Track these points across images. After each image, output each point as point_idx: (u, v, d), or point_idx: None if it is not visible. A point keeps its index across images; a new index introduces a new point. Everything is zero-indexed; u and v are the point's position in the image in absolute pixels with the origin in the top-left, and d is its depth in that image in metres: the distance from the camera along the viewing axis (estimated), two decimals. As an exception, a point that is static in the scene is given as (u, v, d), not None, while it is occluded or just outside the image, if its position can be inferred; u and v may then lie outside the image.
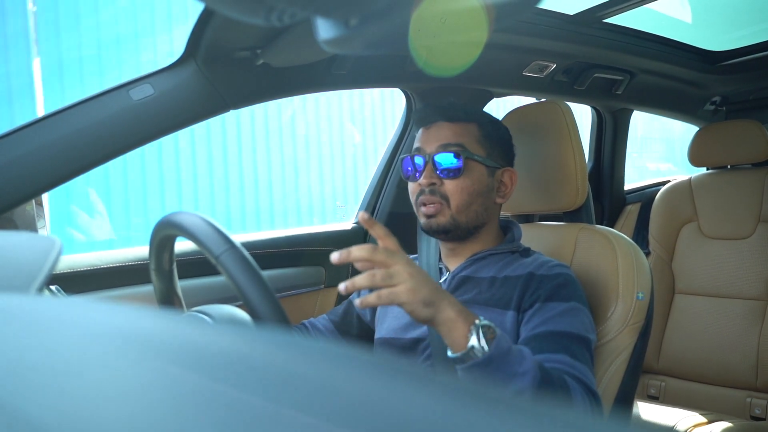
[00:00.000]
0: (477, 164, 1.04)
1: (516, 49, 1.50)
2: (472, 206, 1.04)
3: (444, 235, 1.05)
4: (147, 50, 4.62)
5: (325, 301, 1.56)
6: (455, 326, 0.78)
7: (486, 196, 1.06)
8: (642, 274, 1.08)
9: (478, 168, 1.04)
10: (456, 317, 0.78)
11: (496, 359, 0.77)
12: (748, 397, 1.74)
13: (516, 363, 0.79)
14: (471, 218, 1.04)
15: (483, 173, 1.05)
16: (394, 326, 1.09)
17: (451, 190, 1.03)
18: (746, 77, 2.02)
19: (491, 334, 0.78)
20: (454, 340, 0.78)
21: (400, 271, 0.76)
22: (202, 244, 0.68)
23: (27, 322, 0.31)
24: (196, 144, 4.90)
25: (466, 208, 1.03)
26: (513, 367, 0.79)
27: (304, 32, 1.04)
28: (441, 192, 1.03)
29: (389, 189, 1.64)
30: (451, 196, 1.03)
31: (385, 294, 0.76)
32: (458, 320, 0.78)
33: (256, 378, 0.24)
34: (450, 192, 1.03)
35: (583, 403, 0.83)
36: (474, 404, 0.22)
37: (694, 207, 1.98)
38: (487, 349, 0.76)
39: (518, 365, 0.79)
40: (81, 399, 0.22)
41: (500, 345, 0.78)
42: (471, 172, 1.03)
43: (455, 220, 1.03)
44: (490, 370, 0.77)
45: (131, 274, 1.26)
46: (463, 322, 0.78)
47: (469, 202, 1.03)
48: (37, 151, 1.04)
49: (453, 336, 0.78)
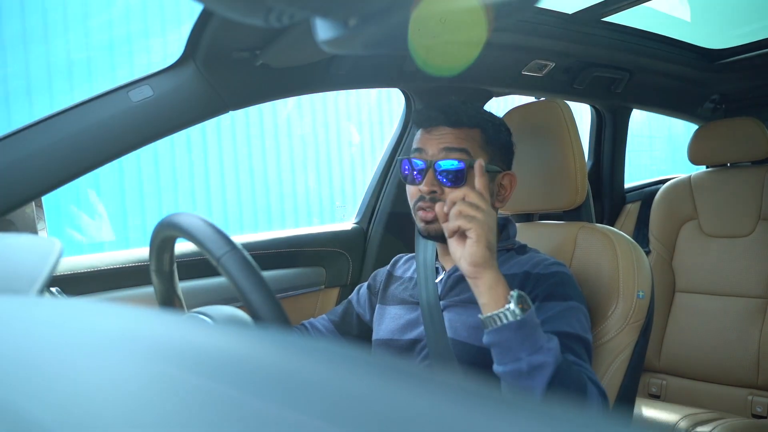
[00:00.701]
0: None
1: (515, 48, 1.50)
2: None
3: (441, 239, 1.04)
4: (141, 54, 4.62)
5: (325, 302, 1.56)
6: (498, 285, 0.84)
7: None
8: (642, 273, 1.08)
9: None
10: (500, 278, 0.85)
11: (528, 326, 0.81)
12: (750, 395, 1.74)
13: (543, 338, 0.82)
14: None
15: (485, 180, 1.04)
16: (392, 327, 1.09)
17: (452, 199, 1.02)
18: (745, 75, 2.02)
19: (527, 306, 0.82)
20: (492, 298, 0.83)
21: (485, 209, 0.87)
22: (204, 246, 0.68)
23: (28, 324, 0.31)
24: (193, 145, 4.90)
25: None
26: (540, 340, 0.81)
27: (303, 33, 1.04)
28: (441, 200, 0.99)
29: (389, 189, 1.64)
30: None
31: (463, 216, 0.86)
32: (501, 281, 0.84)
33: (257, 378, 0.24)
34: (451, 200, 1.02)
35: (598, 404, 0.84)
36: (474, 404, 0.22)
37: (694, 205, 1.98)
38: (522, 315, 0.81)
39: (545, 341, 0.82)
40: (82, 400, 0.22)
41: (533, 316, 0.82)
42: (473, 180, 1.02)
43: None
44: (520, 335, 0.81)
45: (132, 276, 1.26)
46: (504, 285, 0.84)
47: None
48: (37, 154, 1.04)
49: (492, 294, 0.83)
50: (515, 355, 0.81)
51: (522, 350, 0.80)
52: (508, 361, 0.81)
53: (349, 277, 1.59)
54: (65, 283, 1.14)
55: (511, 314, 0.81)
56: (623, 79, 1.82)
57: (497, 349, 0.83)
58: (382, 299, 1.16)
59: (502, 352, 0.82)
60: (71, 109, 1.08)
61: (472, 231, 0.84)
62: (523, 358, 0.80)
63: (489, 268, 0.84)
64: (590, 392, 0.84)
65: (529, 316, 0.81)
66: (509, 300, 0.82)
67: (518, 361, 0.80)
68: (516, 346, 0.81)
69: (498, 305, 0.82)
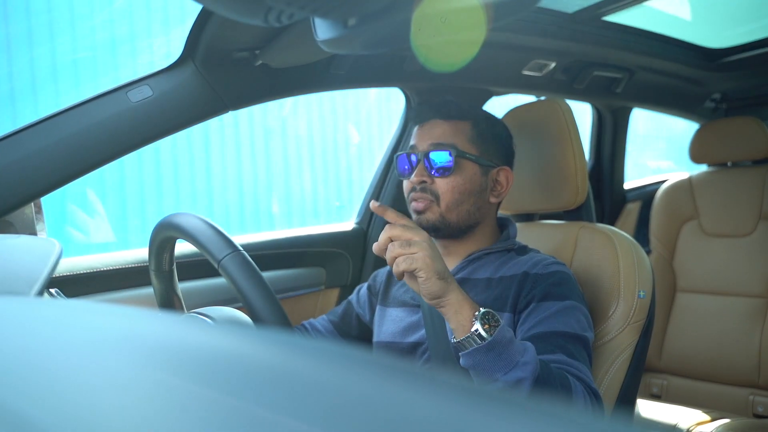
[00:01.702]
0: (469, 163, 1.04)
1: (515, 47, 1.50)
2: (463, 205, 1.03)
3: (434, 232, 1.04)
4: (142, 53, 4.62)
5: (325, 302, 1.56)
6: (462, 308, 0.81)
7: (479, 195, 1.05)
8: (643, 273, 1.07)
9: (470, 167, 1.04)
10: (464, 299, 0.81)
11: (498, 346, 0.79)
12: (751, 395, 1.74)
13: (518, 353, 0.80)
14: (462, 217, 1.04)
15: (476, 172, 1.04)
16: (393, 330, 1.09)
17: (441, 188, 1.03)
18: (746, 74, 2.02)
19: (495, 323, 0.80)
20: (460, 323, 0.80)
21: (419, 241, 0.80)
22: (204, 247, 0.67)
23: (27, 325, 0.31)
24: (193, 144, 4.89)
25: (456, 207, 1.03)
26: (515, 356, 0.80)
27: (302, 33, 1.03)
28: (431, 189, 1.03)
29: (389, 188, 1.64)
30: (442, 195, 1.03)
31: (402, 259, 0.79)
32: (465, 303, 0.81)
33: (256, 379, 0.24)
34: (440, 190, 1.03)
35: (584, 401, 0.83)
36: (474, 404, 0.22)
37: (695, 205, 1.98)
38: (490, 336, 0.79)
39: (520, 355, 0.80)
40: (81, 400, 0.22)
41: (503, 333, 0.80)
42: (462, 171, 1.03)
43: (444, 218, 1.03)
44: (491, 356, 0.79)
45: (131, 277, 1.26)
46: (469, 306, 0.81)
47: (459, 201, 1.03)
48: (35, 154, 1.04)
49: (459, 318, 0.80)
50: (491, 375, 0.80)
51: (497, 370, 0.79)
52: (486, 383, 0.80)
53: (349, 278, 1.59)
54: (64, 284, 1.14)
55: (479, 337, 0.79)
56: (623, 79, 1.82)
57: (474, 372, 0.82)
58: (382, 300, 1.16)
59: (478, 374, 0.81)
60: (70, 110, 1.08)
61: (418, 271, 0.80)
62: (499, 378, 0.79)
63: (449, 293, 0.81)
64: (575, 390, 0.83)
65: (497, 335, 0.79)
66: (473, 323, 0.80)
67: (495, 381, 0.80)
68: (490, 367, 0.80)
69: (465, 330, 0.80)
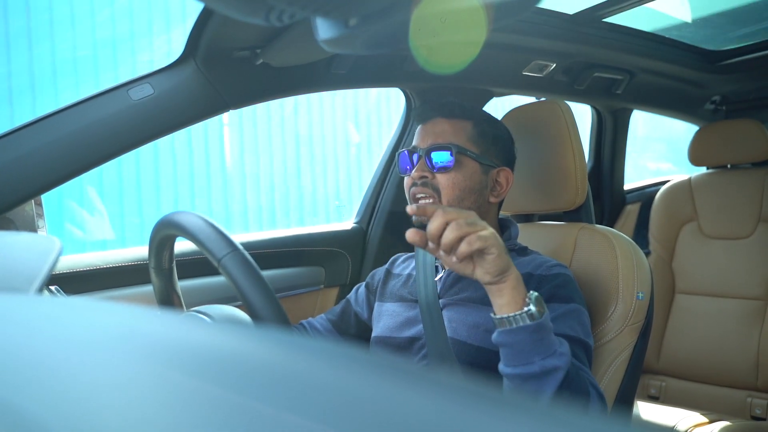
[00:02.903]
0: (470, 161, 1.04)
1: (516, 48, 1.50)
2: (464, 202, 1.04)
3: None
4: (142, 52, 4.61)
5: (325, 301, 1.56)
6: (520, 285, 0.81)
7: (479, 193, 1.05)
8: (642, 274, 1.08)
9: (471, 165, 1.04)
10: (520, 277, 0.81)
11: (544, 330, 0.79)
12: (749, 397, 1.74)
13: (556, 342, 0.81)
14: None
15: (476, 171, 1.05)
16: (390, 325, 1.09)
17: (442, 184, 1.03)
18: (746, 76, 2.02)
19: (543, 309, 0.80)
20: (514, 298, 0.80)
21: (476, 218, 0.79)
22: (205, 246, 0.67)
23: (27, 322, 0.31)
24: (193, 143, 4.89)
25: (457, 203, 1.03)
26: (554, 344, 0.80)
27: (303, 32, 1.04)
28: (433, 184, 1.03)
29: (389, 188, 1.64)
30: (443, 190, 1.03)
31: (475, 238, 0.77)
32: (521, 281, 0.81)
33: (255, 377, 0.24)
34: (441, 185, 1.03)
35: (598, 408, 0.84)
36: (473, 404, 0.22)
37: (694, 207, 1.98)
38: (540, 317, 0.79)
39: (559, 345, 0.81)
40: (80, 398, 0.22)
41: (548, 319, 0.81)
42: (463, 168, 1.03)
43: None
44: (535, 338, 0.79)
45: (131, 275, 1.26)
46: (523, 285, 0.81)
47: (460, 198, 1.03)
48: (37, 151, 1.04)
49: (514, 294, 0.80)
50: (528, 358, 0.79)
51: (536, 353, 0.79)
52: (520, 364, 0.80)
53: (348, 277, 1.59)
54: (64, 281, 1.14)
55: (530, 317, 0.78)
56: (624, 80, 1.82)
57: (509, 350, 0.80)
58: (380, 297, 1.16)
59: (513, 354, 0.80)
60: (71, 107, 1.08)
61: (490, 247, 0.78)
62: (536, 361, 0.79)
63: (512, 267, 0.81)
64: (592, 396, 0.84)
65: (545, 318, 0.79)
66: (528, 302, 0.79)
67: (531, 364, 0.79)
68: (530, 349, 0.79)
69: (517, 306, 0.79)
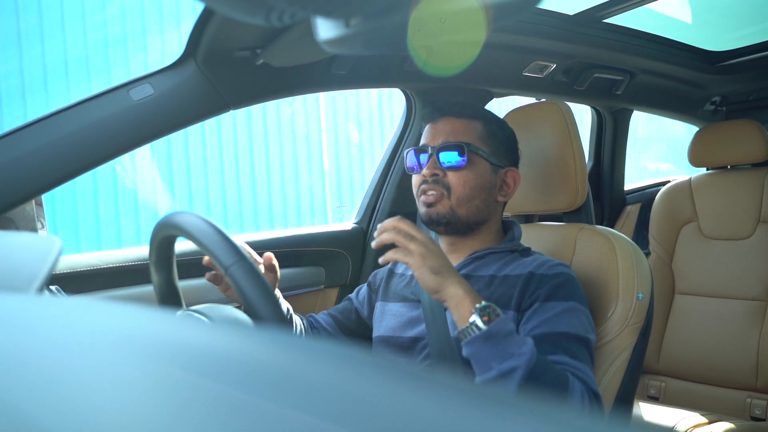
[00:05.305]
0: (481, 160, 1.05)
1: (516, 49, 1.50)
2: (474, 200, 1.05)
3: (443, 227, 1.06)
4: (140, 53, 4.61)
5: (325, 302, 1.56)
6: (463, 302, 0.85)
7: (488, 192, 1.06)
8: (642, 275, 1.08)
9: (481, 163, 1.05)
10: (465, 294, 0.85)
11: (496, 337, 0.82)
12: (748, 398, 1.74)
13: (515, 345, 0.83)
14: (471, 212, 1.05)
15: (486, 170, 1.06)
16: (393, 325, 1.09)
17: (453, 182, 1.04)
18: (746, 77, 2.02)
19: (495, 316, 0.83)
20: (461, 315, 0.85)
21: (418, 237, 0.87)
22: (212, 253, 0.67)
23: (27, 322, 0.31)
24: (191, 143, 4.89)
25: (467, 202, 1.04)
26: (511, 347, 0.82)
27: (304, 32, 1.04)
28: (443, 182, 1.04)
29: (389, 189, 1.64)
30: (453, 188, 1.04)
31: (400, 251, 0.85)
32: (466, 298, 0.85)
33: (254, 377, 0.24)
34: (452, 183, 1.04)
35: (582, 401, 0.84)
36: (474, 404, 0.22)
37: (694, 207, 1.98)
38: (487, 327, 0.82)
39: (517, 347, 0.83)
40: (81, 398, 0.22)
41: (501, 325, 0.83)
42: (474, 167, 1.04)
43: (454, 211, 1.04)
44: (488, 346, 0.82)
45: (131, 275, 1.26)
46: (470, 300, 0.85)
47: (470, 196, 1.04)
48: (37, 152, 1.04)
49: (460, 311, 0.85)
50: (486, 364, 0.83)
51: (493, 359, 0.82)
52: (481, 372, 0.84)
53: (348, 277, 1.60)
54: (65, 281, 1.14)
55: (476, 328, 0.83)
56: (624, 81, 1.82)
57: (473, 361, 0.85)
58: (383, 296, 1.17)
59: (476, 363, 0.85)
60: (72, 108, 1.08)
61: (410, 265, 0.86)
62: (494, 366, 0.82)
63: (447, 288, 0.86)
64: (572, 389, 0.84)
65: (494, 326, 0.82)
66: (472, 314, 0.84)
67: (490, 370, 0.83)
68: (486, 357, 0.83)
69: (465, 321, 0.84)
